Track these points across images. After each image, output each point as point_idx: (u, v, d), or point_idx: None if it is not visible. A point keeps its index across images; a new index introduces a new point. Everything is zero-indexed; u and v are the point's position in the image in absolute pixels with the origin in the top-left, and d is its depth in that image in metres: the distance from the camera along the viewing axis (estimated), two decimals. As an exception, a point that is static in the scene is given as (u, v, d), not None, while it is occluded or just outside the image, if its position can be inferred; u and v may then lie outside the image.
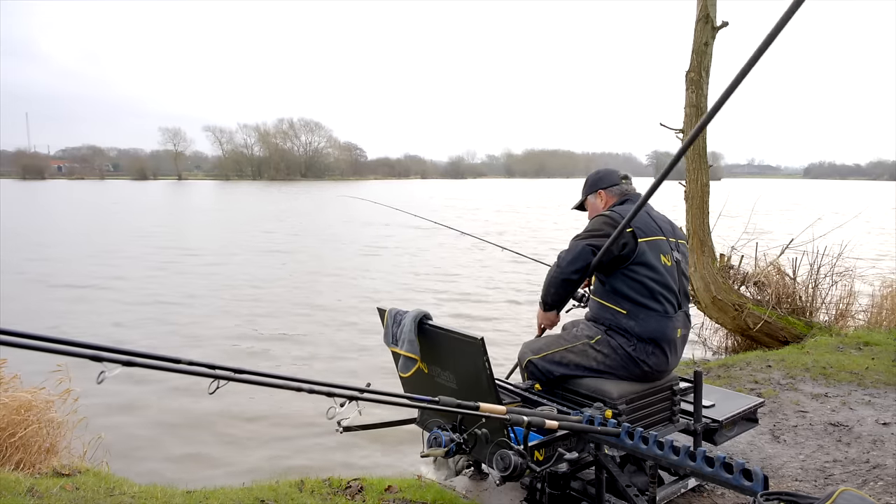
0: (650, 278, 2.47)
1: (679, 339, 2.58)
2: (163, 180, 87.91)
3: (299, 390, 1.47)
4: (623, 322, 2.50)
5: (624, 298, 2.50)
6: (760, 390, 4.19)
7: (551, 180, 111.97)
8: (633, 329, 2.48)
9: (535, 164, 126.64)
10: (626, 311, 2.49)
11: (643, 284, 2.46)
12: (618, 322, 2.51)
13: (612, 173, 2.84)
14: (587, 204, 2.88)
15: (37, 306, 9.58)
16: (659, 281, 2.49)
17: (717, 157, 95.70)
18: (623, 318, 2.50)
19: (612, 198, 2.77)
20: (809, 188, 76.96)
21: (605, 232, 2.48)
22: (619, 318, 2.51)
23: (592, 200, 2.84)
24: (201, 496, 2.78)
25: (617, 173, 2.83)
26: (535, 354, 2.71)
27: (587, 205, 2.89)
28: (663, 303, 2.49)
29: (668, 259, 2.56)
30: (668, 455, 1.81)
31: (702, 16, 5.92)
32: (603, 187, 2.80)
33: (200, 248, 16.48)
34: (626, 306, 2.49)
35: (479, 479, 2.99)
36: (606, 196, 2.79)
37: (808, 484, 2.92)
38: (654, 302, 2.47)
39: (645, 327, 2.47)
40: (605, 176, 2.83)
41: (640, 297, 2.47)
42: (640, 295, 2.47)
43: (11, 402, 3.45)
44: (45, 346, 1.19)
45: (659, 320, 2.48)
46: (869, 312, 6.56)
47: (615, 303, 2.53)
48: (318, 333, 8.09)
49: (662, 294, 2.49)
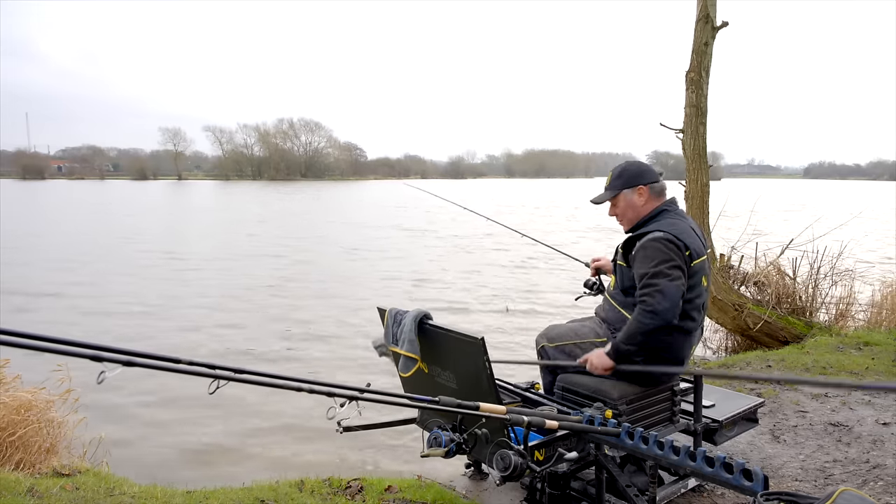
0: (688, 300, 2.37)
1: (691, 353, 2.57)
2: (163, 180, 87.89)
3: (299, 390, 1.47)
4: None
5: None
6: (760, 390, 4.19)
7: (551, 180, 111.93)
8: (646, 345, 2.39)
9: (535, 164, 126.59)
10: None
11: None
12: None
13: (650, 168, 2.59)
14: (619, 199, 2.57)
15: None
16: (694, 302, 2.40)
17: (717, 157, 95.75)
18: None
19: (654, 197, 2.53)
20: (809, 188, 76.96)
21: (678, 263, 2.31)
22: None
23: (630, 196, 2.54)
24: (201, 496, 2.78)
25: (653, 168, 2.60)
26: (549, 342, 2.72)
27: (619, 200, 2.57)
28: (691, 322, 2.42)
29: (707, 280, 2.46)
30: (668, 455, 1.81)
31: (702, 16, 5.92)
32: (645, 182, 2.52)
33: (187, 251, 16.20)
34: None
35: (479, 479, 2.99)
36: (648, 194, 2.52)
37: (808, 484, 2.92)
38: (683, 321, 2.39)
39: (665, 344, 2.41)
40: (647, 171, 2.56)
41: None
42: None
43: (12, 401, 3.45)
44: (45, 346, 1.19)
45: (681, 339, 2.44)
46: (869, 312, 6.56)
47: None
48: (318, 332, 8.09)
49: (693, 315, 2.41)
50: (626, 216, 2.59)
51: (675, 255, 2.32)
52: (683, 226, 2.43)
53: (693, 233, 2.45)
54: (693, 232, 2.45)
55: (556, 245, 4.27)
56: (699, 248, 2.41)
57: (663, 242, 2.34)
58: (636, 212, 2.56)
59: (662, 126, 6.19)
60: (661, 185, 2.57)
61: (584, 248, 16.04)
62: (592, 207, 3.92)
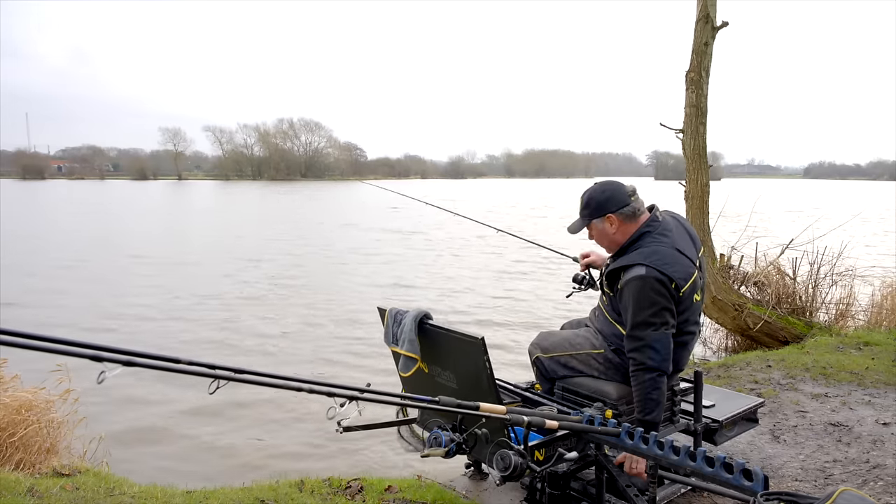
0: (682, 321, 2.36)
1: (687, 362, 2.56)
2: (163, 180, 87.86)
3: (299, 390, 1.47)
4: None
5: None
6: (760, 390, 4.19)
7: (551, 180, 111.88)
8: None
9: (535, 164, 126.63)
10: None
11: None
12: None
13: (618, 190, 2.43)
14: (591, 228, 2.50)
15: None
16: (690, 320, 2.38)
17: (717, 157, 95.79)
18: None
19: (627, 222, 2.40)
20: (809, 188, 76.94)
21: (664, 305, 2.25)
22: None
23: (600, 226, 2.45)
24: (201, 496, 2.77)
25: (623, 188, 2.44)
26: (543, 353, 2.72)
27: (591, 228, 2.50)
28: (685, 337, 2.41)
29: (699, 294, 2.41)
30: (668, 455, 1.81)
31: (702, 16, 5.92)
32: (612, 210, 2.40)
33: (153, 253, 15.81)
34: None
35: (479, 479, 2.99)
36: (618, 221, 2.41)
37: (808, 484, 2.92)
38: (680, 337, 2.38)
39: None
40: (613, 195, 2.41)
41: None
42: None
43: (12, 402, 3.45)
44: (45, 346, 1.19)
45: (678, 352, 2.42)
46: (869, 312, 6.55)
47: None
48: (318, 334, 8.09)
49: (689, 330, 2.41)
50: (603, 244, 2.54)
51: (659, 296, 2.24)
52: (665, 251, 2.31)
53: (677, 254, 2.32)
54: (677, 253, 2.32)
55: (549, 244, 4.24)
56: (685, 272, 2.29)
57: (647, 283, 2.25)
58: (610, 240, 2.47)
59: (662, 126, 6.19)
60: (633, 207, 2.40)
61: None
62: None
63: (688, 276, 2.30)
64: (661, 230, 2.40)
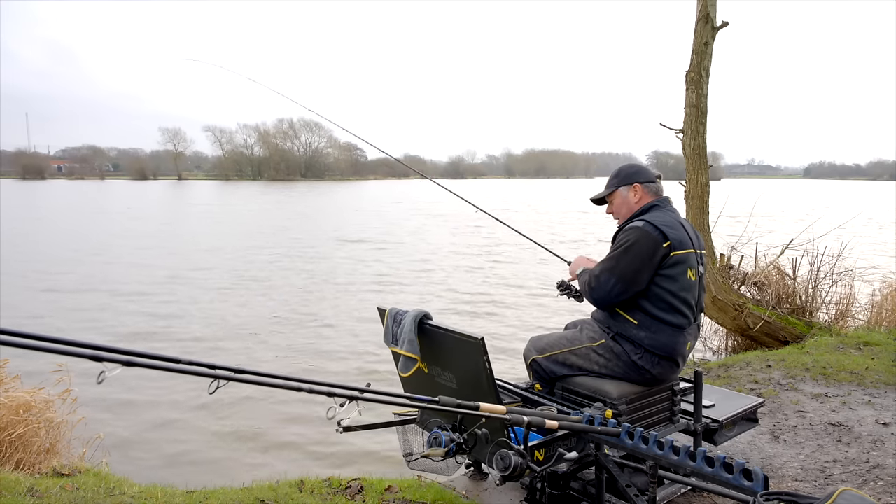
0: (671, 293, 2.41)
1: (687, 352, 2.57)
2: (163, 180, 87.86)
3: (299, 390, 1.47)
4: (632, 332, 2.46)
5: (638, 309, 2.45)
6: (760, 390, 4.19)
7: (551, 180, 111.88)
8: (642, 340, 2.44)
9: (535, 164, 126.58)
10: (637, 321, 2.45)
11: (662, 298, 2.41)
12: (626, 331, 2.48)
13: (647, 169, 2.68)
14: (615, 196, 2.67)
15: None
16: (679, 296, 2.43)
17: (717, 157, 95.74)
18: (633, 328, 2.46)
19: (648, 195, 2.61)
20: (809, 188, 76.93)
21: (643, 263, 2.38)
22: (629, 328, 2.47)
23: (625, 193, 2.64)
24: (201, 496, 2.77)
25: (651, 170, 2.68)
26: (539, 354, 2.71)
27: (615, 196, 2.68)
28: (679, 317, 2.44)
29: (694, 274, 2.48)
30: (668, 455, 1.81)
31: (702, 16, 5.92)
32: (640, 181, 2.62)
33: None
34: (639, 317, 2.45)
35: (479, 479, 2.99)
36: (642, 191, 2.61)
37: (808, 484, 2.92)
38: (670, 315, 2.42)
39: (655, 340, 2.43)
40: (642, 170, 2.66)
41: (656, 310, 2.42)
42: (657, 308, 2.42)
43: (11, 402, 3.45)
44: (45, 346, 1.19)
45: (671, 334, 2.44)
46: (869, 312, 6.55)
47: (627, 311, 2.48)
48: (317, 334, 8.09)
49: (680, 309, 2.44)
50: (620, 212, 2.67)
51: (644, 252, 2.38)
52: (668, 218, 2.47)
53: (680, 226, 2.48)
54: (680, 225, 2.49)
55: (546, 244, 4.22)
56: (682, 240, 2.44)
57: (640, 234, 2.41)
58: (629, 208, 2.63)
59: (662, 126, 6.20)
60: (657, 186, 2.64)
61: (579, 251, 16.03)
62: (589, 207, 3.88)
63: (684, 244, 2.44)
64: (671, 208, 2.61)
